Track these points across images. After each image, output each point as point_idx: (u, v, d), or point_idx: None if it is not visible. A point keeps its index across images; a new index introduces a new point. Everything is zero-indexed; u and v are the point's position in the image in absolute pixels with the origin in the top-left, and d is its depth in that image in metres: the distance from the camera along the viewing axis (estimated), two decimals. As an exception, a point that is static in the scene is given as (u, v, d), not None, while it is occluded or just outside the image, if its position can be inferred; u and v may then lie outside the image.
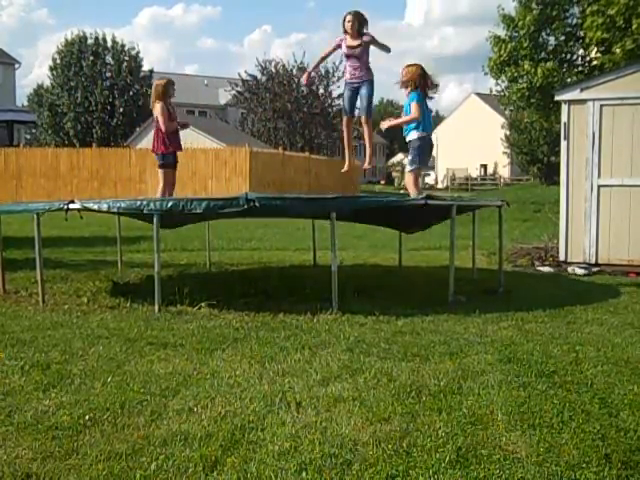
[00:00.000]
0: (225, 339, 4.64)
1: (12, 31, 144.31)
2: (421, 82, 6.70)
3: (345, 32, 7.09)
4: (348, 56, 7.10)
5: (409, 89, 6.74)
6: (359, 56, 7.07)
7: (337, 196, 6.68)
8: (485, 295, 6.62)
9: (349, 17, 7.04)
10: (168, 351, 4.31)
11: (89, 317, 5.49)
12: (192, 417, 3.12)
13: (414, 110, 6.61)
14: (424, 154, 6.88)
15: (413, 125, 6.74)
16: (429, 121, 6.89)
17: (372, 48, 7.16)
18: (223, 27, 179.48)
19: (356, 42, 7.00)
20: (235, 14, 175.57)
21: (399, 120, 6.94)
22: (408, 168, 6.91)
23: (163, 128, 7.33)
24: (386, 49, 7.30)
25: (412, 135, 6.76)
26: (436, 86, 6.88)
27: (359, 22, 7.04)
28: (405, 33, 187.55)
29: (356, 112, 7.45)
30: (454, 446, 2.76)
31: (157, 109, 7.35)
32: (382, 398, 3.36)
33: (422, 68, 6.81)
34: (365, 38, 6.97)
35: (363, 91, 7.12)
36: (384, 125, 7.08)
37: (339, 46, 7.15)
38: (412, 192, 6.80)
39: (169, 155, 7.53)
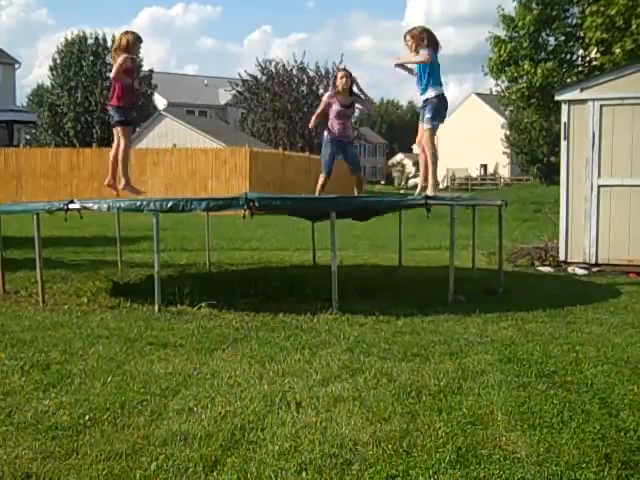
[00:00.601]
0: (225, 339, 4.64)
1: (12, 31, 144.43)
2: (430, 39, 6.55)
3: (334, 87, 7.30)
4: (340, 114, 7.26)
5: (417, 48, 6.57)
6: (350, 115, 7.40)
7: (337, 196, 6.68)
8: (485, 295, 6.62)
9: (342, 73, 7.25)
10: (168, 351, 4.31)
11: (89, 317, 5.49)
12: (192, 417, 3.12)
13: (425, 55, 6.42)
14: (442, 111, 6.72)
15: (428, 82, 6.55)
16: (440, 78, 6.72)
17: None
18: (223, 27, 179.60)
19: (348, 101, 7.26)
20: (235, 14, 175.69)
21: (410, 59, 6.62)
22: (427, 126, 6.64)
23: (112, 74, 6.90)
24: (368, 107, 7.72)
25: (429, 93, 6.58)
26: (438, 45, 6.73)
27: (352, 81, 7.23)
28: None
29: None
30: (454, 446, 2.76)
31: (120, 59, 6.77)
32: (382, 398, 3.36)
33: (425, 28, 6.66)
34: (356, 99, 7.32)
35: (351, 150, 7.55)
36: (394, 61, 6.75)
37: (329, 105, 7.31)
38: (429, 150, 6.68)
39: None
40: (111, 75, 6.97)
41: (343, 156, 7.67)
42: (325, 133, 7.58)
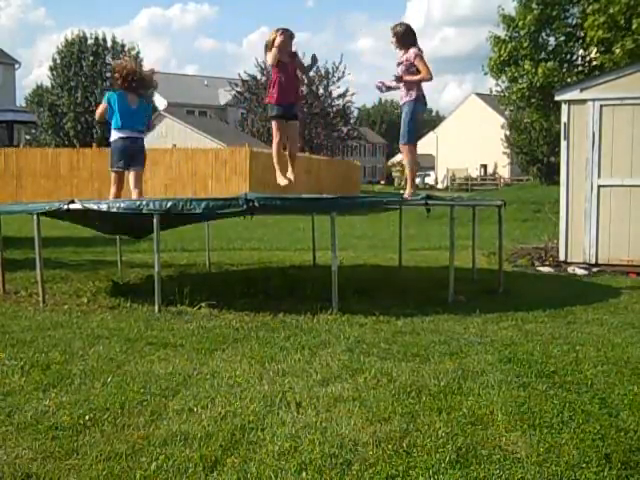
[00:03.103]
0: (225, 339, 4.64)
1: (12, 31, 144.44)
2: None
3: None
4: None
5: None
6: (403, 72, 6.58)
7: (337, 196, 6.68)
8: (485, 295, 6.62)
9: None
10: (168, 351, 4.31)
11: (89, 317, 5.49)
12: (192, 417, 3.12)
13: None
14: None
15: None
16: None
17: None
18: (222, 27, 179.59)
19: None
20: (234, 14, 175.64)
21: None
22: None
23: (269, 60, 6.60)
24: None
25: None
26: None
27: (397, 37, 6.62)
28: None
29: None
30: (454, 446, 2.76)
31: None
32: (382, 398, 3.36)
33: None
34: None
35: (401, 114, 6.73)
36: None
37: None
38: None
39: None
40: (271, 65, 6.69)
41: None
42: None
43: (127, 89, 6.85)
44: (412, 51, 6.48)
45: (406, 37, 6.55)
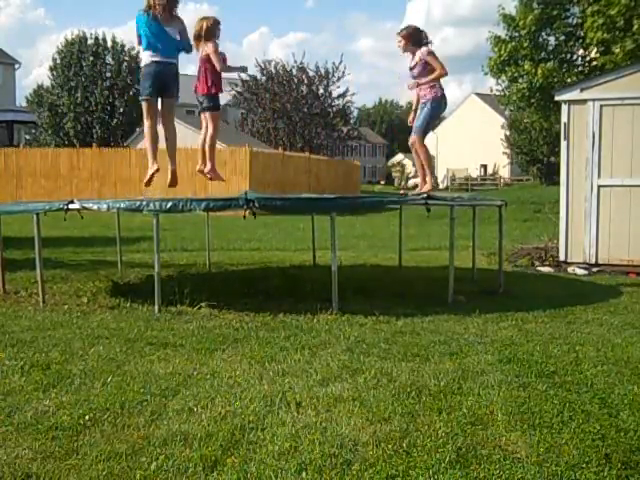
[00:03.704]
0: (225, 339, 4.64)
1: (12, 31, 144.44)
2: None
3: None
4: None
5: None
6: (415, 76, 6.76)
7: (337, 196, 6.68)
8: (485, 295, 6.62)
9: (397, 37, 6.77)
10: (168, 351, 4.31)
11: (89, 317, 5.49)
12: (192, 417, 3.12)
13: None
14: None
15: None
16: None
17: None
18: (222, 27, 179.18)
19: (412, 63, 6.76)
20: (234, 14, 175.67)
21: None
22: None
23: (219, 67, 6.85)
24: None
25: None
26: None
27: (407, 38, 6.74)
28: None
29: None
30: (454, 446, 2.76)
31: (210, 48, 6.78)
32: (382, 398, 3.36)
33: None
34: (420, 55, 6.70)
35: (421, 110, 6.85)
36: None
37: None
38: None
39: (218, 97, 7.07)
40: (217, 68, 6.86)
41: None
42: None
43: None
44: (424, 50, 6.58)
45: (414, 37, 6.63)
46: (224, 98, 54.79)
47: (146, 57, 6.41)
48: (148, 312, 5.63)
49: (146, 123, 6.76)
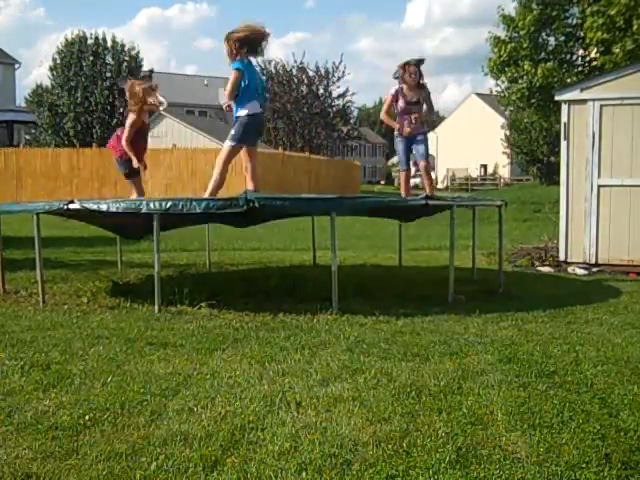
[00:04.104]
0: (225, 339, 4.64)
1: (12, 31, 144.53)
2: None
3: (404, 82, 7.06)
4: (404, 111, 7.12)
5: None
6: (415, 112, 7.10)
7: (337, 196, 6.68)
8: (485, 295, 6.62)
9: (413, 69, 6.95)
10: (168, 351, 4.31)
11: (89, 317, 5.49)
12: (192, 417, 3.12)
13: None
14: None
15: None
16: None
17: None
18: (222, 27, 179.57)
19: (415, 98, 7.08)
20: (234, 14, 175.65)
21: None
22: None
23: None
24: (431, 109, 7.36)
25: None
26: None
27: (420, 72, 7.02)
28: (405, 34, 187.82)
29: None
30: (454, 446, 2.76)
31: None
32: (382, 398, 3.36)
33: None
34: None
35: (419, 145, 7.27)
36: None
37: (396, 100, 7.14)
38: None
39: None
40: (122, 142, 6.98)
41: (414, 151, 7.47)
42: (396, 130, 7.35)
43: (248, 54, 6.10)
44: (428, 88, 7.17)
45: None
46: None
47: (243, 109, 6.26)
48: (148, 312, 5.63)
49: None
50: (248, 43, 6.09)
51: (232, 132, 6.35)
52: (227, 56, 6.19)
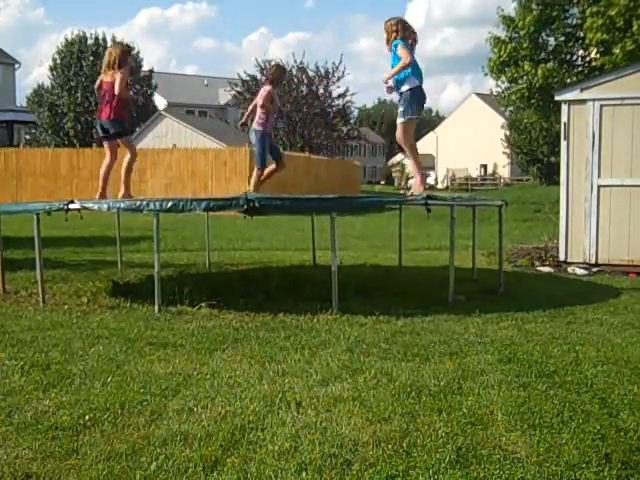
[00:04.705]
0: (225, 339, 4.64)
1: (12, 31, 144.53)
2: (404, 32, 6.47)
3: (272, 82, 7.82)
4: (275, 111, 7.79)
5: (392, 38, 6.49)
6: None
7: (337, 196, 6.68)
8: (485, 295, 6.62)
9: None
10: (168, 351, 4.31)
11: (89, 317, 5.49)
12: (192, 417, 3.12)
13: (404, 55, 6.31)
14: (418, 104, 6.59)
15: (404, 74, 6.40)
16: (419, 70, 6.57)
17: None
18: (221, 27, 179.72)
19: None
20: (233, 14, 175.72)
21: (394, 69, 6.43)
22: (401, 120, 6.52)
23: (117, 91, 6.81)
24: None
25: (405, 87, 6.43)
26: (415, 36, 6.67)
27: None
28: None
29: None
30: (454, 446, 2.76)
31: (119, 75, 6.84)
32: (382, 398, 3.36)
33: (401, 20, 6.58)
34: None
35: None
36: (385, 78, 6.59)
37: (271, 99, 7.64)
38: (405, 144, 6.59)
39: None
40: (116, 92, 6.81)
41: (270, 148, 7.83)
42: (258, 126, 7.63)
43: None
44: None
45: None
46: (224, 98, 54.81)
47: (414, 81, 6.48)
48: (148, 312, 5.63)
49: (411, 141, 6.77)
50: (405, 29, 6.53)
51: (400, 108, 6.55)
52: (387, 42, 6.56)
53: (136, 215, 10.46)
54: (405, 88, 6.44)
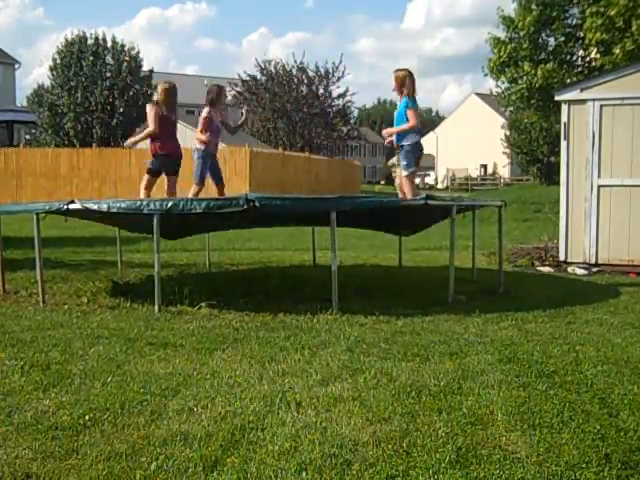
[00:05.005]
0: (225, 339, 4.64)
1: (12, 31, 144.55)
2: (413, 85, 6.82)
3: (215, 105, 7.72)
4: (219, 130, 7.81)
5: (402, 95, 6.83)
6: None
7: (337, 196, 6.68)
8: (485, 295, 6.62)
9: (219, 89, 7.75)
10: (168, 351, 4.31)
11: (89, 317, 5.49)
12: (192, 417, 3.12)
13: (412, 119, 6.73)
14: (418, 157, 7.03)
15: (408, 131, 6.83)
16: (419, 128, 7.05)
17: None
18: (221, 27, 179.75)
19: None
20: (233, 14, 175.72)
21: (398, 128, 6.90)
22: (405, 172, 6.94)
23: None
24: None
25: (408, 140, 6.83)
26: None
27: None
28: (405, 34, 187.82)
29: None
30: (454, 446, 2.76)
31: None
32: (382, 398, 3.36)
33: (410, 72, 6.92)
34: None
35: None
36: (387, 133, 7.12)
37: (211, 120, 7.65)
38: (410, 194, 6.86)
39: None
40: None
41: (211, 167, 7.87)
42: (201, 146, 7.71)
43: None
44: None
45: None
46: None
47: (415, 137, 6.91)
48: (148, 312, 5.63)
49: None
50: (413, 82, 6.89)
51: (403, 162, 6.96)
52: (396, 90, 6.92)
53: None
54: (407, 143, 6.84)
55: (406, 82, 6.75)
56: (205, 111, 7.72)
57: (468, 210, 8.13)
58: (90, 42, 36.79)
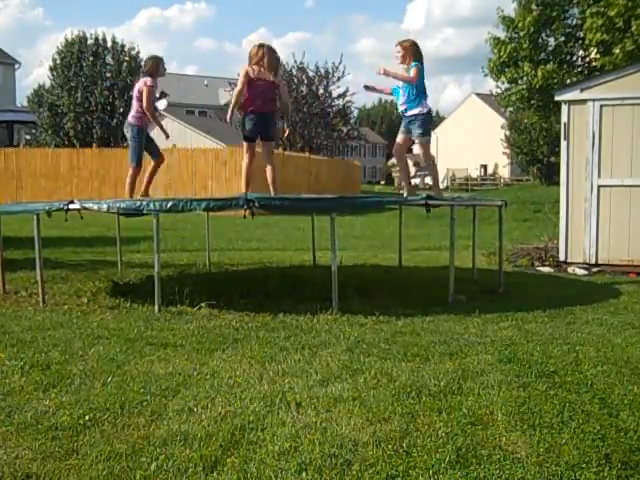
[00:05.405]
0: (225, 339, 4.64)
1: (12, 31, 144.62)
2: (418, 55, 6.64)
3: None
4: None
5: (407, 61, 6.63)
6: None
7: (337, 196, 6.68)
8: (485, 295, 6.62)
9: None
10: (168, 351, 4.31)
11: (89, 317, 5.49)
12: (192, 417, 3.12)
13: (414, 74, 6.50)
14: (430, 126, 6.95)
15: (421, 99, 6.63)
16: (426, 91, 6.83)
17: None
18: (221, 27, 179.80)
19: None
20: (233, 14, 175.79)
21: (399, 74, 6.61)
22: (423, 140, 6.73)
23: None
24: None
25: (425, 108, 6.65)
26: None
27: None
28: (405, 34, 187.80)
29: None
30: (454, 446, 2.76)
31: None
32: (382, 398, 3.36)
33: (415, 42, 6.76)
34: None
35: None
36: (385, 70, 6.65)
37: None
38: (428, 159, 6.83)
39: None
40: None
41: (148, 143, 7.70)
42: (134, 121, 7.59)
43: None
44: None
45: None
46: (224, 98, 54.77)
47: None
48: (148, 312, 5.63)
49: None
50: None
51: (419, 130, 6.68)
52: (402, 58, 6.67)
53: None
54: (425, 110, 6.66)
55: (412, 50, 6.60)
56: (149, 80, 7.43)
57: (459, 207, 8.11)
58: (90, 42, 36.80)
